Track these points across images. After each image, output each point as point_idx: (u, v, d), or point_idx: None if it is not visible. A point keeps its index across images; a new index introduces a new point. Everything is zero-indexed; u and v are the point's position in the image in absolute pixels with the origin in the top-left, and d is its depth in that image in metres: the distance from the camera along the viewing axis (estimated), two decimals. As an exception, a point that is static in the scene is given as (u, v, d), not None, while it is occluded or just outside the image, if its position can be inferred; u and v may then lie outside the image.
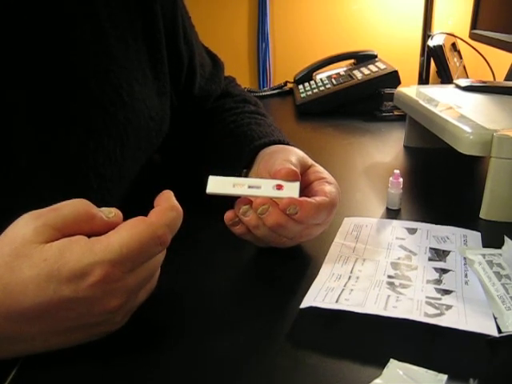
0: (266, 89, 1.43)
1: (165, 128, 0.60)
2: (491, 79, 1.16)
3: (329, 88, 1.15)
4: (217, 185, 0.46)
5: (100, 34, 0.50)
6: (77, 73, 0.47)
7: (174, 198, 0.37)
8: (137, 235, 0.33)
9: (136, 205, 0.40)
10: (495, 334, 0.37)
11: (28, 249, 0.32)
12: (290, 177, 0.46)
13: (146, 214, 0.35)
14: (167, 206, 0.36)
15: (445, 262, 0.48)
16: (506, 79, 1.11)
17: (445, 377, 0.34)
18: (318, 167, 0.52)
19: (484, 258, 0.47)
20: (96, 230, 0.34)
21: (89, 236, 0.34)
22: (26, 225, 0.33)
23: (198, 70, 0.67)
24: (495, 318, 0.39)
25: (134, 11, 0.54)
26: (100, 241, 0.33)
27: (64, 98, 0.46)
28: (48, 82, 0.45)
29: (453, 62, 1.17)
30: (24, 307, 0.32)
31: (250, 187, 0.46)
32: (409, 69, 1.25)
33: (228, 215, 0.48)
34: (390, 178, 0.61)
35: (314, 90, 1.17)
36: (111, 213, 0.36)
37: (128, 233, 0.33)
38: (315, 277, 0.45)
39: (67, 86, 0.46)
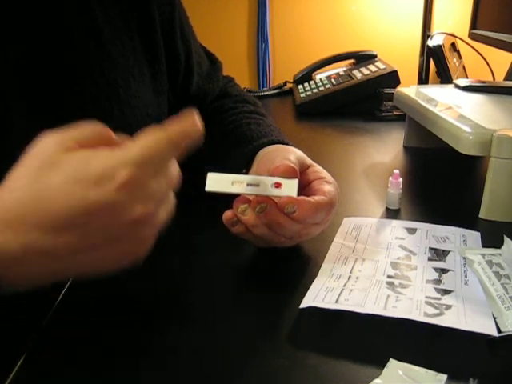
0: (265, 89, 1.43)
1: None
2: (491, 79, 1.16)
3: (328, 88, 1.15)
4: (216, 183, 0.46)
5: (95, 30, 0.50)
6: (72, 68, 0.48)
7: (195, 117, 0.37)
8: (153, 140, 0.34)
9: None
10: (495, 333, 0.37)
11: (54, 157, 0.33)
12: (289, 174, 0.46)
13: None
14: (183, 120, 0.36)
15: (444, 261, 0.48)
16: (506, 79, 1.11)
17: (444, 377, 0.34)
18: (317, 167, 0.52)
19: (483, 257, 0.47)
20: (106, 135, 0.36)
21: None
22: (50, 138, 0.34)
23: (195, 68, 0.67)
24: (495, 318, 0.39)
25: (129, 10, 0.55)
26: (121, 147, 0.34)
27: (59, 93, 0.47)
28: (43, 78, 0.45)
29: (452, 61, 1.17)
30: (54, 214, 0.32)
31: (248, 185, 0.46)
32: (408, 69, 1.25)
33: (226, 215, 0.48)
34: (390, 178, 0.61)
35: (314, 90, 1.17)
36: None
37: (145, 139, 0.34)
38: (315, 277, 0.45)
39: (63, 81, 0.47)
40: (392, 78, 1.11)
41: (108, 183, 0.32)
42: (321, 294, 0.42)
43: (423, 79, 1.31)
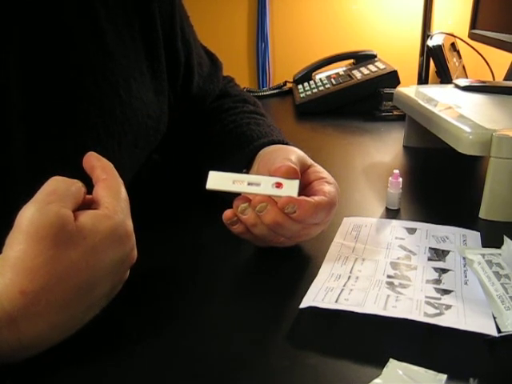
0: (265, 89, 1.43)
1: (162, 127, 0.60)
2: (490, 79, 1.16)
3: (328, 88, 1.15)
4: (217, 181, 0.46)
5: (98, 31, 0.50)
6: (74, 70, 0.47)
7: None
8: (115, 184, 0.39)
9: (136, 204, 0.40)
10: (494, 333, 0.37)
11: (63, 235, 0.34)
12: (290, 174, 0.46)
13: (146, 213, 0.36)
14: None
15: (444, 261, 0.48)
16: (506, 79, 1.11)
17: (444, 376, 0.34)
18: (318, 167, 0.52)
19: (483, 257, 0.47)
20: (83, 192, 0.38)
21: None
22: (45, 214, 0.34)
23: (195, 69, 0.67)
24: (494, 318, 0.39)
25: (131, 10, 0.55)
26: (103, 207, 0.37)
27: (61, 94, 0.46)
28: (46, 79, 0.45)
29: (452, 61, 1.17)
30: (98, 288, 0.36)
31: (249, 184, 0.46)
32: (408, 69, 1.25)
33: (226, 214, 0.48)
34: (390, 178, 0.61)
35: (314, 90, 1.17)
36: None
37: (107, 187, 0.38)
38: (315, 277, 0.45)
39: (65, 82, 0.47)
40: (392, 78, 1.11)
41: (126, 238, 0.37)
42: (321, 294, 0.42)
43: (423, 79, 1.30)
